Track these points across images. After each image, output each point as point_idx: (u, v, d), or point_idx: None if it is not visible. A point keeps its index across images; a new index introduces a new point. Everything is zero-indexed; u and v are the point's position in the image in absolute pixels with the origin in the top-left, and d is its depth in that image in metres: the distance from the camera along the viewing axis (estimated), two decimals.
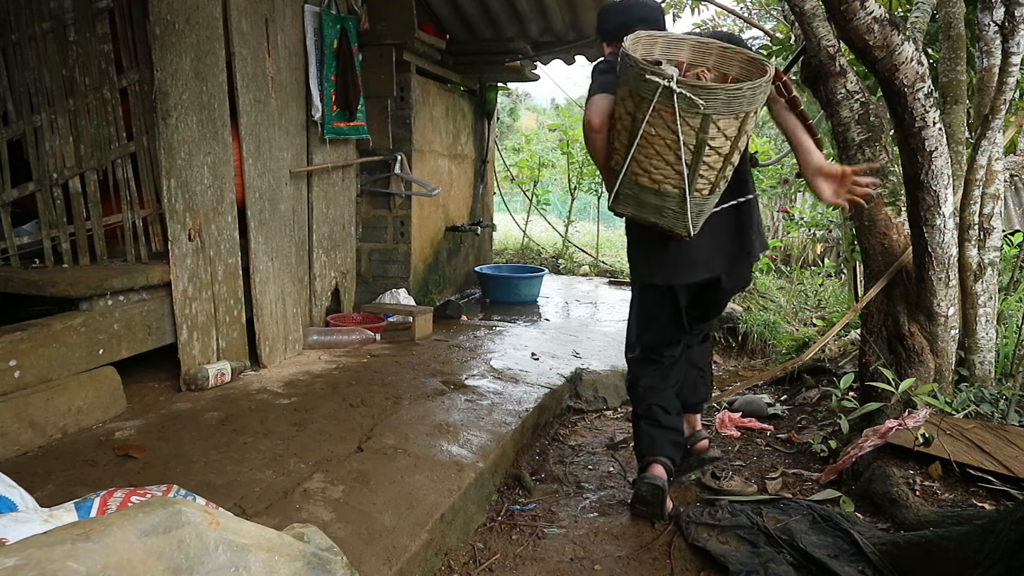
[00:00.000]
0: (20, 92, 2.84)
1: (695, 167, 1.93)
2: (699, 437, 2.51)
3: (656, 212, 2.04)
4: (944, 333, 2.72)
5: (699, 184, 1.97)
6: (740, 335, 5.62)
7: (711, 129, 1.86)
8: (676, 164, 1.93)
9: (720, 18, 7.81)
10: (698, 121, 1.85)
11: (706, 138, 1.88)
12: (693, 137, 1.88)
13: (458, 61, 5.52)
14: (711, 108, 1.83)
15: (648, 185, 2.00)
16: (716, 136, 1.88)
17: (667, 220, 2.03)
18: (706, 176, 1.96)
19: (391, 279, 4.85)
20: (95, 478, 2.16)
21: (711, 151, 1.91)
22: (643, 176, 2.00)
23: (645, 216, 2.06)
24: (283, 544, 1.25)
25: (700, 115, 1.84)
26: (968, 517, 1.91)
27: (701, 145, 1.89)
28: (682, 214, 1.99)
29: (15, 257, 2.89)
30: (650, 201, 2.03)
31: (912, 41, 2.43)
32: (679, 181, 1.95)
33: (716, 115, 1.84)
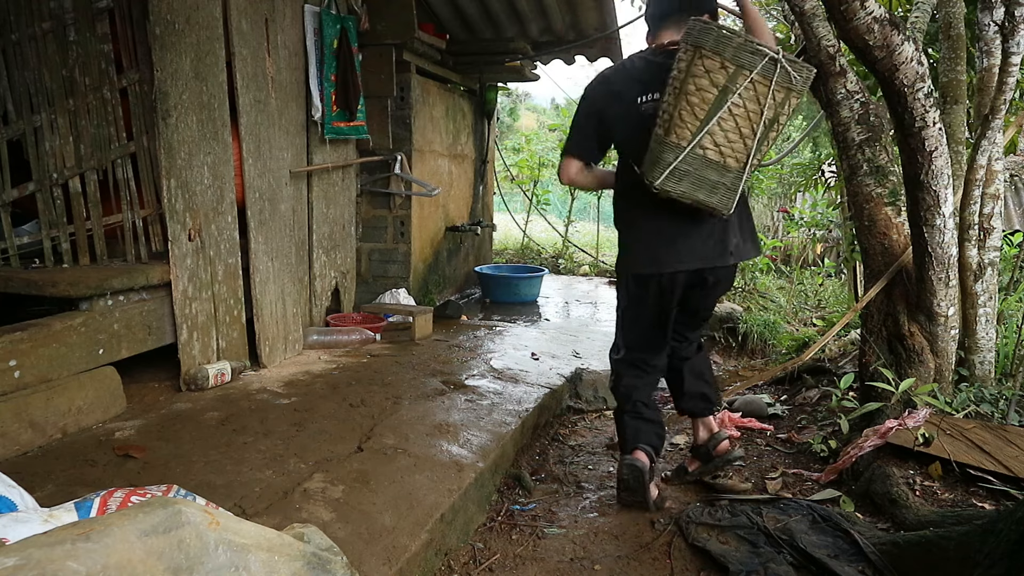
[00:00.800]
0: (20, 92, 2.84)
1: (762, 142, 2.04)
2: (720, 439, 2.49)
3: (710, 189, 2.08)
4: (944, 333, 2.72)
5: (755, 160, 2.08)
6: (740, 335, 5.62)
7: (787, 105, 2.02)
8: (750, 138, 2.03)
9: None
10: (783, 96, 2.01)
11: (781, 113, 2.03)
12: (773, 111, 2.01)
13: (458, 61, 5.52)
14: (797, 84, 1.99)
15: (714, 159, 2.05)
16: (785, 114, 2.04)
17: (717, 197, 2.09)
18: (763, 152, 2.09)
19: (391, 279, 4.85)
20: (95, 478, 2.16)
21: (776, 128, 2.06)
22: (712, 150, 2.05)
23: (695, 194, 2.08)
24: (283, 544, 1.25)
25: (786, 89, 2.00)
26: (968, 517, 1.91)
27: (774, 121, 2.03)
28: (733, 191, 2.09)
29: (15, 257, 2.89)
30: (709, 177, 2.07)
31: (912, 41, 2.43)
32: (744, 155, 2.05)
33: (795, 92, 2.00)
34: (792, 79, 1.98)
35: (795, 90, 2.00)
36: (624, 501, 2.40)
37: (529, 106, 23.75)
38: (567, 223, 8.72)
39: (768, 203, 9.56)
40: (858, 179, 2.81)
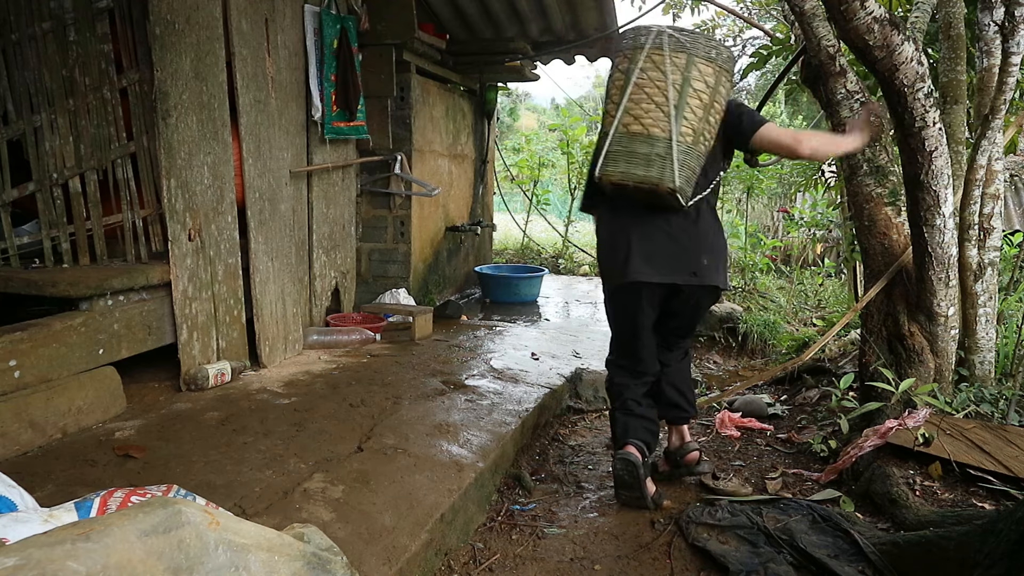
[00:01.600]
0: (20, 92, 2.84)
1: (680, 108, 2.16)
2: (688, 449, 2.57)
3: (645, 162, 2.17)
4: (944, 333, 2.72)
5: (684, 128, 2.16)
6: (740, 335, 5.62)
7: (693, 70, 2.16)
8: (664, 105, 2.16)
9: (720, 18, 7.81)
10: (683, 60, 2.16)
11: (690, 77, 2.16)
12: (679, 75, 2.16)
13: (458, 61, 5.51)
14: (694, 49, 2.16)
15: (638, 131, 2.19)
16: (698, 79, 2.16)
17: (655, 170, 2.16)
18: (690, 121, 2.17)
19: (391, 279, 4.85)
20: (95, 478, 2.16)
21: (694, 94, 2.17)
22: (634, 123, 2.20)
23: (633, 171, 2.19)
24: (283, 544, 1.25)
25: (686, 53, 2.16)
26: (968, 517, 1.91)
27: (685, 84, 2.16)
28: (669, 160, 2.15)
29: (15, 257, 2.89)
30: (640, 151, 2.18)
31: (912, 41, 2.43)
32: (667, 123, 2.16)
33: (698, 58, 2.16)
34: (684, 43, 2.16)
35: (696, 55, 2.16)
36: (623, 499, 2.41)
37: (529, 106, 23.75)
38: (567, 223, 8.72)
39: (768, 203, 9.55)
40: (858, 179, 2.81)
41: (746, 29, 8.07)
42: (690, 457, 2.55)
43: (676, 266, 2.29)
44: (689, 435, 2.62)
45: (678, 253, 2.30)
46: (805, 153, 2.23)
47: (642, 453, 2.38)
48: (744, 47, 8.97)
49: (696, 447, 2.59)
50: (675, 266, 2.29)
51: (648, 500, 2.36)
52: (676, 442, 2.60)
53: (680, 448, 2.58)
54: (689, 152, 2.17)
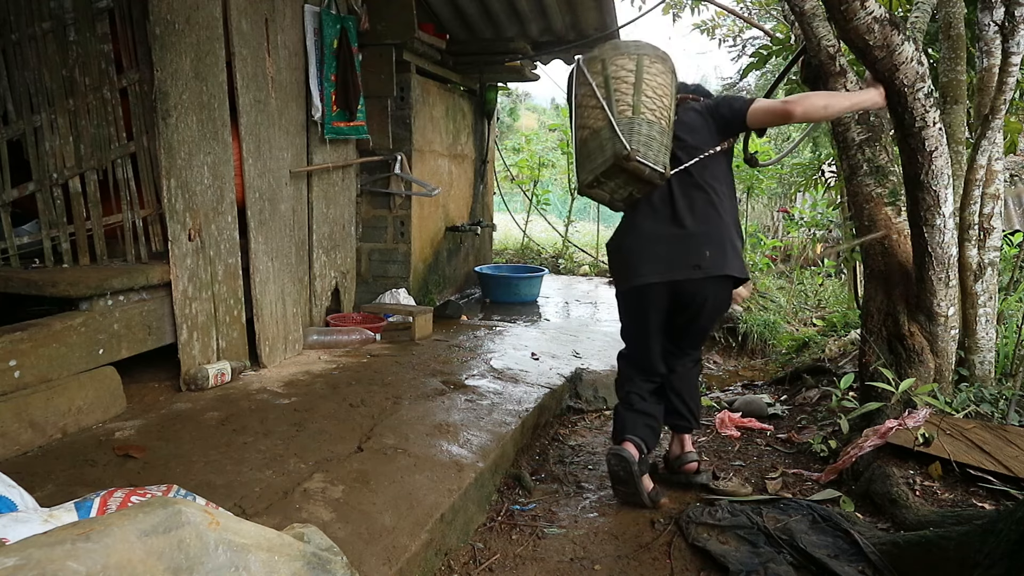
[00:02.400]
0: (20, 92, 2.84)
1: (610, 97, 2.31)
2: (688, 459, 2.55)
3: (600, 152, 2.29)
4: (944, 333, 2.72)
5: (620, 107, 2.29)
6: (740, 335, 5.62)
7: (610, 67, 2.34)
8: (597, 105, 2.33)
9: (720, 18, 7.81)
10: (599, 66, 2.36)
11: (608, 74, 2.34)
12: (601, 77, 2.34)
13: (458, 61, 5.51)
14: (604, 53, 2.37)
15: (588, 137, 2.34)
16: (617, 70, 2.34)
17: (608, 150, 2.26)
18: (622, 100, 2.30)
19: (391, 279, 4.85)
20: (95, 478, 2.16)
21: (617, 80, 2.33)
22: (584, 130, 2.37)
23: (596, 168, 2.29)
24: (283, 544, 1.25)
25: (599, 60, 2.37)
26: (968, 517, 1.91)
27: (607, 80, 2.33)
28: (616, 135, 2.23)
29: (15, 257, 2.89)
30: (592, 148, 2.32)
31: (912, 41, 2.43)
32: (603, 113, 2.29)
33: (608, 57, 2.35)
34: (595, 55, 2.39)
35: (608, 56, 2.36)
36: (620, 496, 2.42)
37: (529, 106, 23.75)
38: (567, 223, 8.72)
39: (768, 203, 9.56)
40: (858, 179, 2.81)
41: (746, 29, 8.07)
42: (688, 467, 2.54)
43: (677, 263, 2.27)
44: (690, 444, 2.59)
45: (679, 249, 2.28)
46: (798, 113, 2.24)
47: (639, 450, 2.37)
48: (744, 47, 8.97)
49: (695, 458, 2.56)
50: (674, 265, 2.28)
51: (644, 497, 2.35)
52: (676, 450, 2.58)
53: (680, 457, 2.57)
54: (633, 121, 2.24)
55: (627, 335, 2.55)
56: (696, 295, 2.31)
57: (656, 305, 2.36)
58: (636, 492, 2.34)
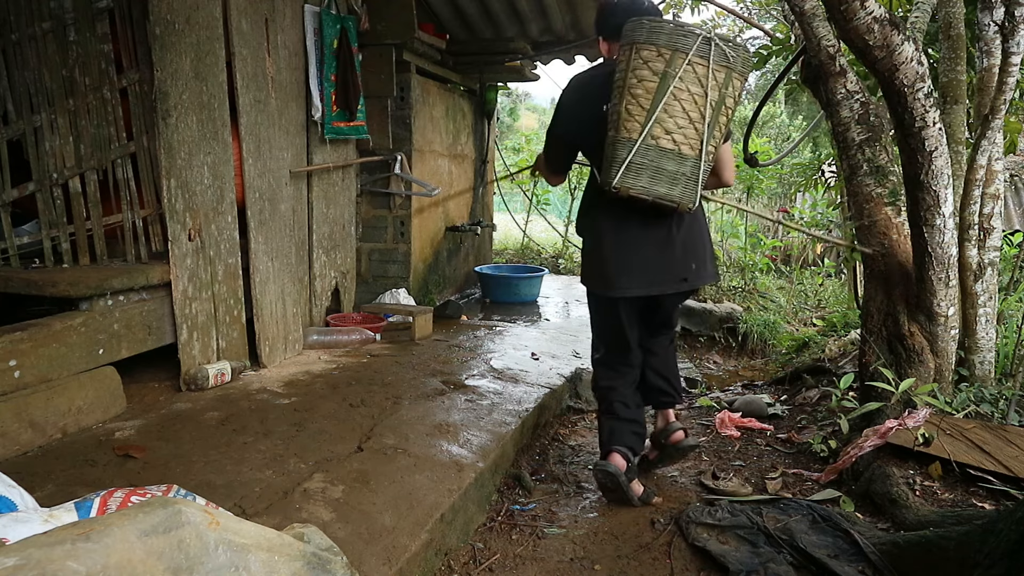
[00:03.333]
0: (20, 92, 2.84)
1: (712, 127, 2.04)
2: (673, 429, 2.59)
3: (670, 180, 2.07)
4: (944, 333, 2.72)
5: (710, 146, 2.07)
6: (740, 335, 5.62)
7: (730, 86, 2.03)
8: (699, 122, 2.03)
9: (720, 18, 7.81)
10: (723, 76, 2.01)
11: (726, 95, 2.04)
12: (718, 93, 2.02)
13: (458, 61, 5.51)
14: (736, 63, 2.02)
15: (668, 147, 2.05)
16: (731, 95, 2.05)
17: (678, 190, 2.08)
18: (716, 139, 2.09)
19: (391, 279, 4.85)
20: (95, 478, 2.16)
21: (724, 111, 2.06)
22: (664, 138, 2.04)
23: (655, 188, 2.08)
24: (283, 544, 1.25)
25: (726, 68, 2.01)
26: (968, 517, 1.91)
27: (720, 103, 2.04)
28: (694, 181, 2.07)
29: (15, 257, 2.89)
30: (667, 168, 2.06)
31: (912, 41, 2.43)
32: (697, 141, 2.04)
33: (736, 72, 2.03)
34: (729, 57, 2.01)
35: (735, 70, 2.04)
36: (611, 499, 2.45)
37: (529, 106, 23.76)
38: (567, 223, 8.72)
39: (768, 203, 9.55)
40: (858, 179, 2.81)
41: (746, 29, 8.07)
42: (674, 437, 2.56)
43: (664, 277, 2.28)
44: (673, 416, 2.63)
45: (666, 263, 2.27)
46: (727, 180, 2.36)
47: (626, 459, 2.39)
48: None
49: (680, 427, 2.59)
50: (663, 277, 2.28)
51: (634, 500, 2.39)
52: (661, 424, 2.63)
53: (664, 429, 2.60)
54: (708, 170, 2.13)
55: (604, 336, 2.52)
56: (676, 299, 2.46)
57: (635, 309, 2.40)
58: (625, 498, 2.38)
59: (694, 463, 2.80)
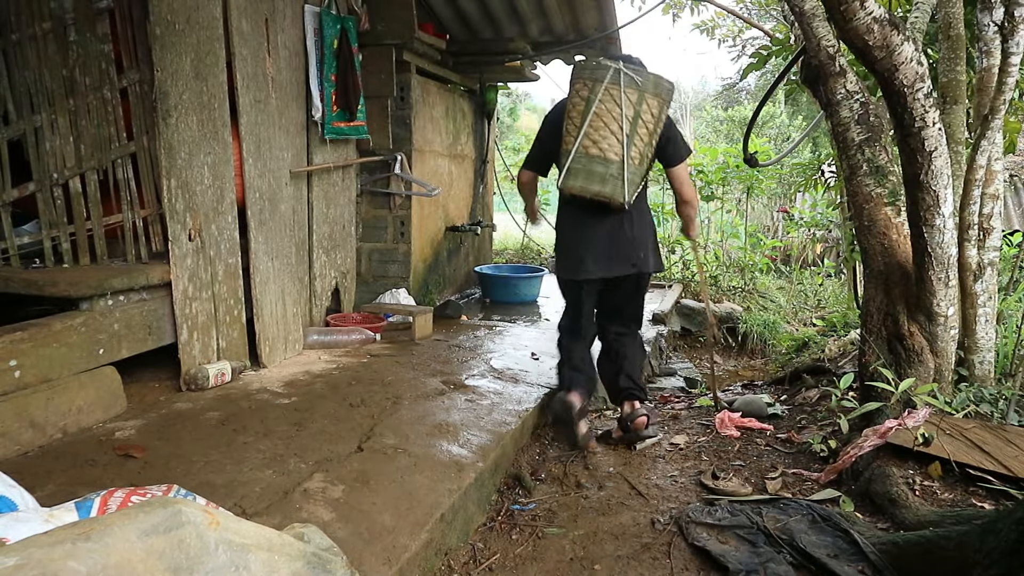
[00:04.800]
0: (20, 92, 2.84)
1: (631, 136, 2.63)
2: (638, 414, 2.95)
3: (601, 180, 2.64)
4: (944, 333, 2.72)
5: (632, 152, 2.64)
6: (740, 335, 5.62)
7: (643, 104, 2.62)
8: (618, 133, 2.62)
9: (720, 18, 7.81)
10: (636, 96, 2.62)
11: (640, 111, 2.62)
12: (632, 109, 2.61)
13: (458, 61, 5.51)
14: (646, 86, 2.62)
15: (596, 154, 2.64)
16: (646, 111, 2.63)
17: (608, 187, 2.65)
18: (637, 147, 2.65)
19: (391, 279, 4.85)
20: (95, 478, 2.16)
21: (642, 124, 2.63)
22: (593, 147, 2.65)
23: (592, 185, 2.66)
24: (283, 544, 1.26)
25: (638, 90, 2.61)
26: (968, 517, 1.91)
27: (636, 118, 2.62)
28: (620, 181, 2.64)
29: (15, 257, 2.89)
30: (597, 170, 2.64)
31: (912, 41, 2.43)
32: (620, 150, 2.62)
33: (648, 93, 2.62)
34: (637, 82, 2.60)
35: (647, 91, 2.61)
36: (558, 434, 2.96)
37: (529, 106, 23.78)
38: None
39: (768, 203, 9.56)
40: (858, 179, 2.81)
41: (746, 29, 8.07)
42: (638, 422, 2.94)
43: (617, 264, 2.82)
44: (639, 405, 2.98)
45: (619, 252, 2.81)
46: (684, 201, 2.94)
47: (581, 399, 2.90)
48: (744, 47, 8.97)
49: (644, 413, 2.95)
50: (616, 264, 2.82)
51: (578, 437, 2.85)
52: (628, 410, 2.98)
53: (630, 414, 2.96)
54: (636, 172, 2.67)
55: (570, 311, 3.10)
56: (628, 281, 2.93)
57: (594, 289, 2.95)
58: (572, 433, 2.84)
59: (694, 463, 2.80)
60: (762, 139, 9.26)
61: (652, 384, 4.13)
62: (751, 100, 18.45)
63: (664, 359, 4.80)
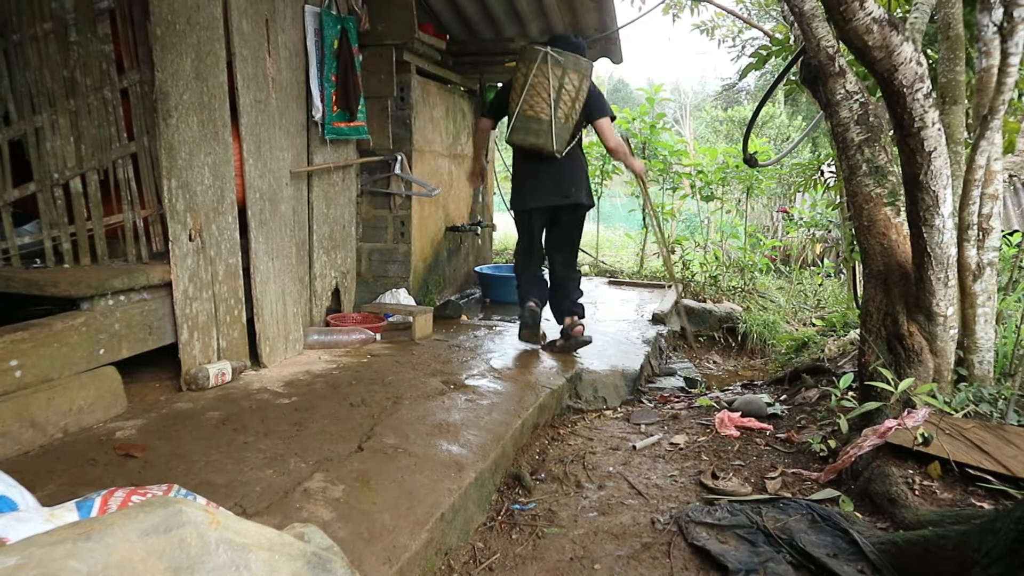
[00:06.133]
0: (21, 92, 2.84)
1: (558, 101, 3.58)
2: (575, 324, 3.92)
3: (535, 134, 3.62)
4: (943, 333, 2.72)
5: (559, 113, 3.59)
6: (740, 335, 5.62)
7: (566, 79, 3.56)
8: (547, 99, 3.58)
9: (720, 18, 7.81)
10: (560, 72, 3.56)
11: (563, 83, 3.57)
12: (557, 81, 3.56)
13: (458, 61, 5.51)
14: (567, 64, 3.55)
15: (532, 115, 3.61)
16: (568, 84, 3.57)
17: (542, 139, 3.61)
18: (563, 109, 3.59)
19: (391, 279, 4.85)
20: (96, 477, 2.16)
21: (565, 93, 3.58)
22: (529, 111, 3.61)
23: (529, 138, 3.64)
24: (284, 543, 1.26)
25: (561, 68, 3.56)
26: (967, 516, 1.91)
27: (560, 88, 3.57)
28: (550, 134, 3.60)
29: (16, 257, 2.89)
30: (532, 127, 3.62)
31: (911, 41, 2.43)
32: (549, 110, 3.58)
33: (570, 69, 3.56)
34: (560, 61, 3.54)
35: (567, 68, 3.54)
36: (524, 336, 3.99)
37: None
38: None
39: (768, 203, 9.56)
40: (857, 179, 2.81)
41: (745, 29, 8.08)
42: (576, 330, 3.90)
43: (554, 195, 3.77)
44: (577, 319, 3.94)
45: (555, 188, 3.75)
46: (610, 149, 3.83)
47: (538, 306, 3.96)
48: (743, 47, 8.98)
49: (581, 324, 3.93)
50: (553, 196, 3.77)
51: (539, 338, 3.97)
52: (568, 323, 3.94)
53: (571, 325, 3.93)
54: (563, 128, 3.60)
55: (522, 240, 4.01)
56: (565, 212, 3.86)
57: (540, 218, 3.89)
58: (535, 335, 3.94)
59: (694, 463, 2.80)
60: (762, 139, 9.26)
61: (652, 384, 4.13)
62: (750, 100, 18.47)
63: (664, 359, 4.80)
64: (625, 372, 3.83)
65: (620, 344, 4.40)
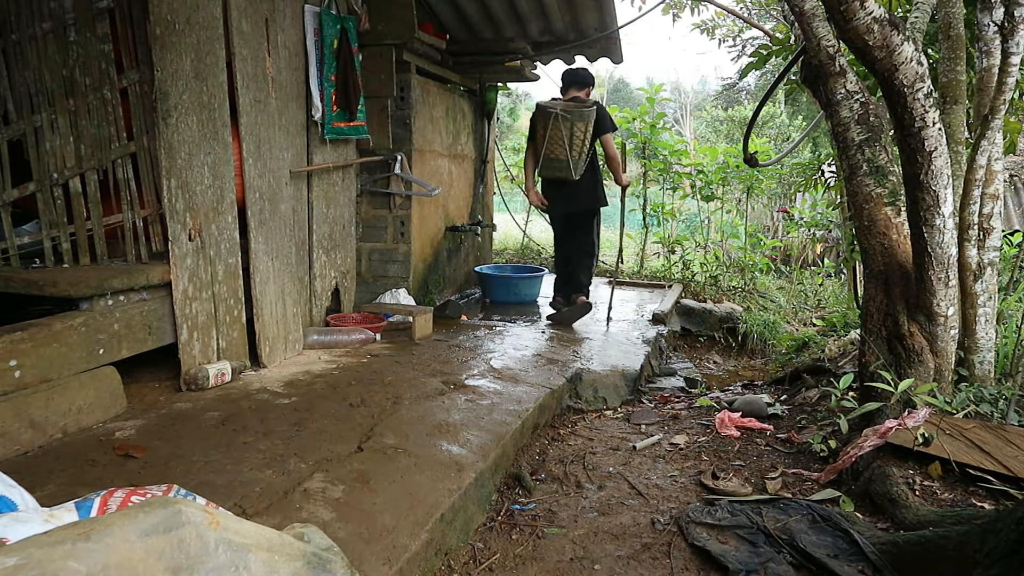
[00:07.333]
0: (21, 92, 2.84)
1: (571, 144, 4.61)
2: (580, 294, 4.91)
3: (559, 169, 4.70)
4: (944, 333, 2.72)
5: (573, 153, 4.62)
6: (740, 335, 5.62)
7: (574, 128, 4.59)
8: (564, 145, 4.62)
9: (720, 18, 7.81)
10: (569, 124, 4.58)
11: (573, 131, 4.59)
12: (568, 132, 4.59)
13: (458, 61, 5.51)
14: (574, 118, 4.58)
15: (554, 157, 4.68)
16: (577, 131, 4.59)
17: (564, 172, 4.69)
18: (576, 148, 4.63)
19: (391, 279, 4.85)
20: (95, 478, 2.16)
21: (575, 137, 4.60)
22: (551, 154, 4.67)
23: (555, 173, 4.74)
24: (283, 544, 1.26)
25: (570, 121, 4.57)
26: (967, 517, 1.91)
27: (572, 134, 4.59)
28: (569, 168, 4.65)
29: (15, 257, 2.89)
30: (555, 165, 4.70)
31: (912, 41, 2.43)
32: (566, 152, 4.62)
33: (576, 121, 4.58)
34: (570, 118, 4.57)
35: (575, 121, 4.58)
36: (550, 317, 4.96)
37: (529, 106, 23.74)
38: None
39: (768, 203, 9.56)
40: (858, 179, 2.81)
41: (746, 29, 8.07)
42: (579, 300, 4.86)
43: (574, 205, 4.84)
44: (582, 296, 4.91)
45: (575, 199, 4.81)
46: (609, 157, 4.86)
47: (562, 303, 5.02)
48: (744, 47, 8.97)
49: (584, 297, 4.90)
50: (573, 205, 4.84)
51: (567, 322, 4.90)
52: (575, 295, 4.93)
53: (575, 296, 4.91)
54: (578, 160, 4.64)
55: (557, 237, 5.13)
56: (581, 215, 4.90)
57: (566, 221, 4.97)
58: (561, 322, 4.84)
59: (694, 463, 2.80)
60: (762, 139, 9.25)
61: (652, 384, 4.13)
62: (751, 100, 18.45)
63: (664, 359, 4.80)
64: (625, 372, 3.83)
65: (620, 344, 4.40)
